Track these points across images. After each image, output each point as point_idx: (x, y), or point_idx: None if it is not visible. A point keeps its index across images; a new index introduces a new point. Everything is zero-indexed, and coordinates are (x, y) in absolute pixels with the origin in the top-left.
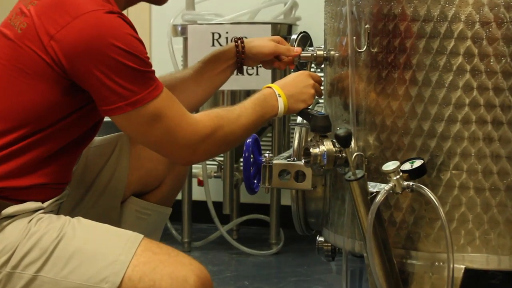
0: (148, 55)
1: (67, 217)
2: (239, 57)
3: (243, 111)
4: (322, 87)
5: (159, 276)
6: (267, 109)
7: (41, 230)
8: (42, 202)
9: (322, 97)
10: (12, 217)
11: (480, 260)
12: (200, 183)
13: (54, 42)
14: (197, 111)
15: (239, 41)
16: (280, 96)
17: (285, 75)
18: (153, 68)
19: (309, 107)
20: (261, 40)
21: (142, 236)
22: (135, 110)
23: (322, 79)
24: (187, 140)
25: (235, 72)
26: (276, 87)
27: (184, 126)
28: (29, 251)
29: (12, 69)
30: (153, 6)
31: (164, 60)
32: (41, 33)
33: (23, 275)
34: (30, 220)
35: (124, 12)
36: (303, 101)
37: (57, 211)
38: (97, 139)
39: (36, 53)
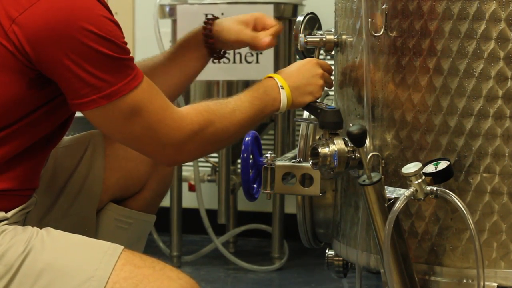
0: (131, 40)
1: (35, 228)
2: (207, 42)
3: (239, 104)
4: (332, 77)
5: None
6: (268, 103)
7: (4, 244)
8: (6, 212)
9: (332, 88)
10: None
11: None
12: (192, 188)
13: (16, 27)
14: (187, 103)
15: (208, 22)
16: (283, 88)
17: (289, 63)
18: (131, 55)
19: (317, 101)
20: (230, 22)
21: (122, 247)
22: (111, 104)
23: (333, 67)
24: (170, 138)
25: (225, 60)
26: (279, 77)
27: (168, 122)
28: None
29: None
30: None
31: (150, 46)
32: (1, 17)
33: None
34: None
35: None
36: (310, 93)
37: (23, 222)
38: (65, 138)
39: None
